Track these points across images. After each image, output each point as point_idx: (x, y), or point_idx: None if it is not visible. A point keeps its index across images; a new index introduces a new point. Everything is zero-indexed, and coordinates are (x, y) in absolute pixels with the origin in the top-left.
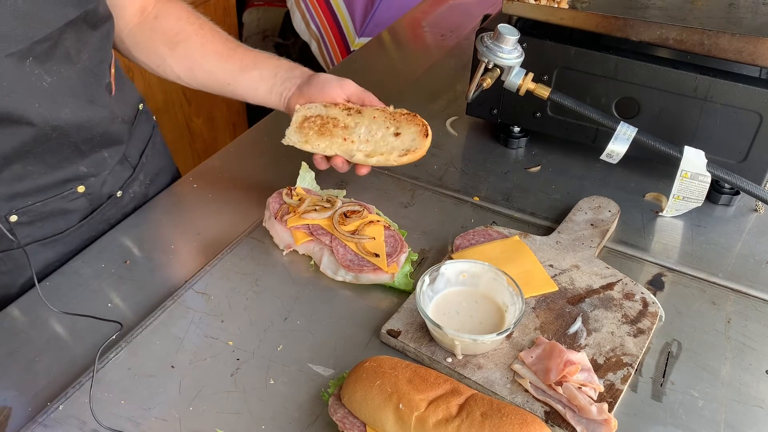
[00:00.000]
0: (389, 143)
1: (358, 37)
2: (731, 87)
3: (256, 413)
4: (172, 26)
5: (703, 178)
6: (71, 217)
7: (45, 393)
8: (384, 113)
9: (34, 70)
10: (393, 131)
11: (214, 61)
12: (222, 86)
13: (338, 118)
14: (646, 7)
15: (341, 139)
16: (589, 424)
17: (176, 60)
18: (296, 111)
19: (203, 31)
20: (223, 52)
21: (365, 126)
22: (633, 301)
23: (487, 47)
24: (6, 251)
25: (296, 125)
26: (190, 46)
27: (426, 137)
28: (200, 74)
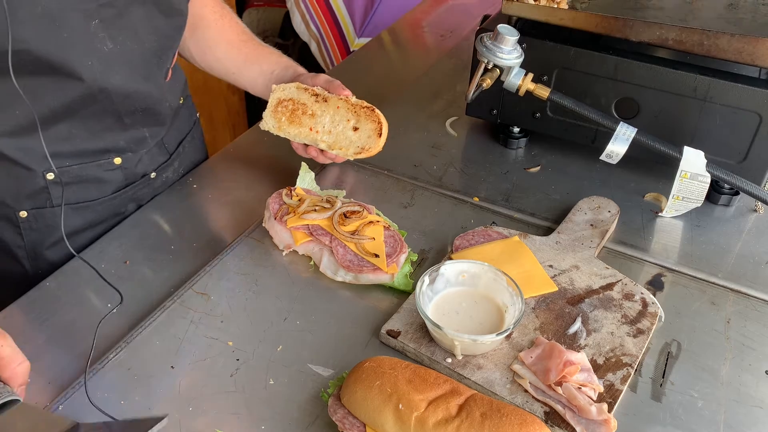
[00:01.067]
0: (348, 137)
1: (357, 38)
2: (731, 87)
3: (256, 413)
4: (197, 11)
5: (702, 178)
6: (105, 187)
7: (45, 393)
8: (347, 104)
9: (98, 33)
10: (352, 125)
11: (224, 50)
12: (228, 74)
13: (307, 105)
14: (646, 8)
15: (308, 128)
16: (589, 424)
17: (193, 42)
18: (272, 92)
19: (223, 20)
20: (234, 43)
21: (329, 116)
22: (633, 302)
23: (486, 47)
24: (38, 209)
25: (272, 108)
26: (207, 32)
27: (379, 136)
28: (210, 59)
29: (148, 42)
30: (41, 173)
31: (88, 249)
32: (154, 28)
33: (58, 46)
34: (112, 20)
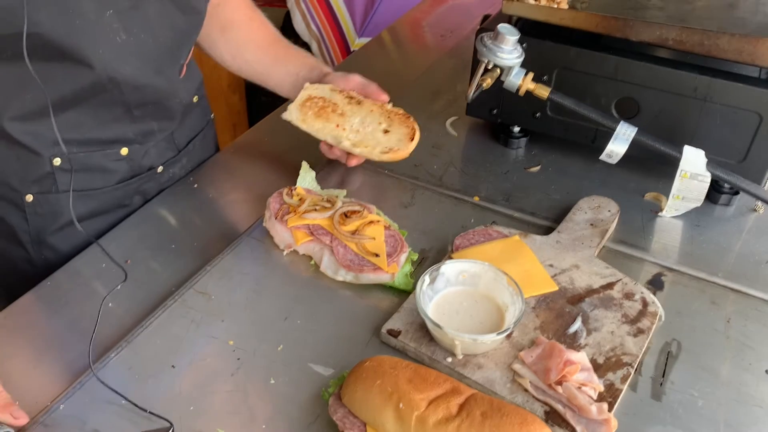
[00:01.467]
0: (376, 138)
1: (358, 38)
2: (731, 87)
3: (256, 413)
4: (227, 14)
5: (702, 177)
6: (109, 177)
7: (45, 393)
8: (381, 109)
9: (112, 23)
10: (383, 128)
11: (253, 52)
12: (258, 76)
13: (338, 104)
14: (646, 8)
15: (334, 125)
16: (589, 423)
17: (224, 45)
18: (304, 89)
19: (252, 23)
20: (262, 45)
21: (360, 117)
22: (633, 301)
23: (487, 47)
24: (44, 193)
25: (299, 102)
26: (237, 35)
27: (411, 141)
28: (241, 62)
29: (163, 36)
30: (48, 158)
31: (88, 249)
32: (170, 24)
33: (69, 32)
34: (127, 12)
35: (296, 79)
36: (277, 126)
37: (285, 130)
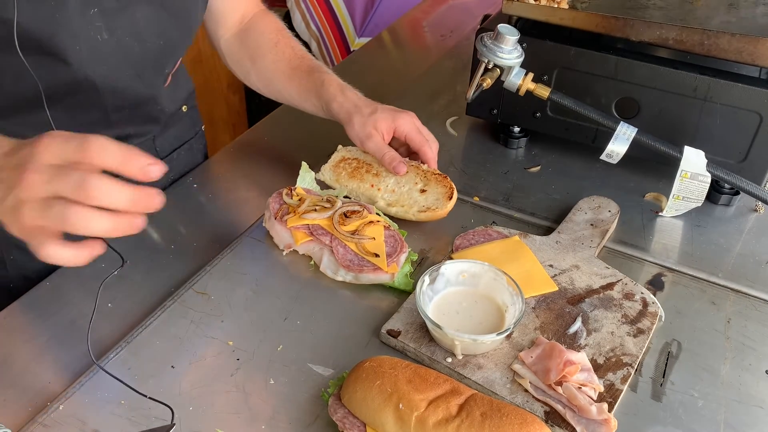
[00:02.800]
0: (413, 197)
1: (358, 37)
2: (731, 87)
3: (256, 413)
4: (255, 41)
5: (703, 178)
6: None
7: (45, 393)
8: (417, 169)
9: (95, 22)
10: (420, 187)
11: (281, 82)
12: (290, 104)
13: (373, 165)
14: (646, 7)
15: (369, 184)
16: (589, 424)
17: (256, 75)
18: (337, 151)
19: (277, 48)
20: (287, 74)
21: (395, 177)
22: (633, 301)
23: (487, 47)
24: None
25: (333, 164)
26: (265, 64)
27: (449, 200)
28: (274, 91)
29: (150, 42)
30: None
31: None
32: (159, 31)
33: (46, 24)
34: (112, 13)
35: (322, 113)
36: (276, 126)
37: (284, 131)
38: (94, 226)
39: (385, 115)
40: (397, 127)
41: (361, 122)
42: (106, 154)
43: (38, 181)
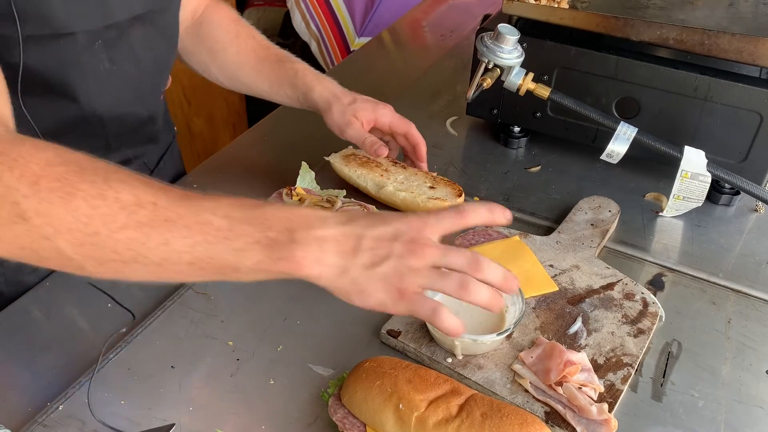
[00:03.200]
0: (422, 189)
1: (358, 37)
2: (731, 87)
3: (256, 413)
4: (212, 33)
5: (703, 178)
6: None
7: (45, 393)
8: (426, 174)
9: (99, 54)
10: (429, 185)
11: (247, 75)
12: (260, 96)
13: (383, 164)
14: (646, 7)
15: (378, 174)
16: (589, 424)
17: (217, 68)
18: (347, 149)
19: (239, 40)
20: (254, 66)
21: (405, 176)
22: (633, 301)
23: (487, 47)
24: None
25: (343, 155)
26: (227, 56)
27: (458, 197)
28: (238, 85)
29: (145, 63)
30: None
31: None
32: (151, 49)
33: (59, 66)
34: (114, 41)
35: (298, 104)
36: (276, 126)
37: (284, 130)
38: (482, 294)
39: (366, 105)
40: (378, 117)
41: (340, 111)
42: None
43: (435, 254)
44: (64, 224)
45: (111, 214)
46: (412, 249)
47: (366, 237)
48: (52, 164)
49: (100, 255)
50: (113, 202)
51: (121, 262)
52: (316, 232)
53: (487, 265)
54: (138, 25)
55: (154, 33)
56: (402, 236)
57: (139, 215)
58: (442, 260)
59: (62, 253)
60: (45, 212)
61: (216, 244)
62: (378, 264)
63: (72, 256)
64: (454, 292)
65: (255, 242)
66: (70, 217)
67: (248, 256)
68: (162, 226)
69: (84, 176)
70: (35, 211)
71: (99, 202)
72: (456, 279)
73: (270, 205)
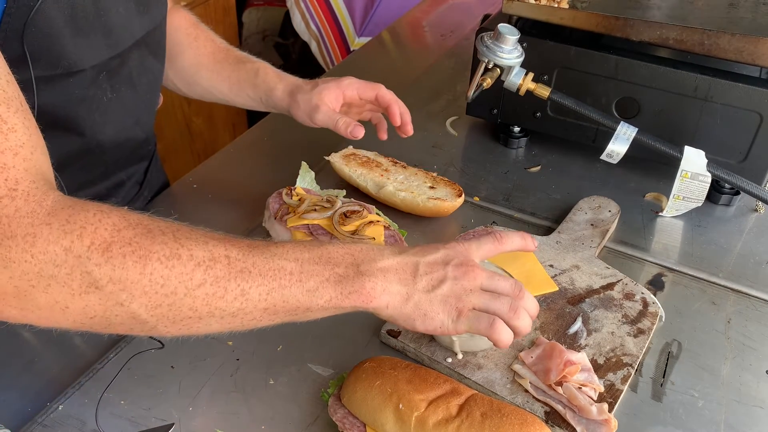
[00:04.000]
0: (422, 189)
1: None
2: (731, 87)
3: (256, 413)
4: (169, 37)
5: (703, 178)
6: None
7: (45, 393)
8: (426, 174)
9: (102, 84)
10: (429, 185)
11: (206, 78)
12: (219, 101)
13: (383, 164)
14: (646, 7)
15: (378, 174)
16: (589, 424)
17: (175, 74)
18: (347, 148)
19: (197, 42)
20: (212, 68)
21: (405, 176)
22: (633, 301)
23: (487, 47)
24: None
25: (343, 154)
26: (185, 61)
27: (458, 197)
28: (197, 89)
29: (140, 86)
30: None
31: None
32: (145, 71)
33: (67, 103)
34: (115, 70)
35: (262, 104)
36: (276, 126)
37: (284, 130)
38: (526, 321)
39: (328, 84)
40: (344, 90)
41: (305, 99)
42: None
43: (484, 277)
44: (140, 288)
45: (188, 273)
46: (464, 271)
47: (421, 263)
48: (119, 228)
49: (175, 314)
50: (188, 260)
51: (197, 318)
52: (378, 264)
53: (526, 293)
54: (135, 50)
55: (147, 53)
56: (452, 260)
57: (216, 270)
58: (490, 283)
59: (137, 317)
60: (119, 278)
61: (290, 287)
62: (436, 287)
63: (147, 319)
64: (504, 314)
65: (325, 280)
66: (146, 281)
67: (320, 294)
68: (238, 277)
69: (154, 238)
70: (109, 278)
71: (174, 261)
72: (507, 302)
73: (331, 244)
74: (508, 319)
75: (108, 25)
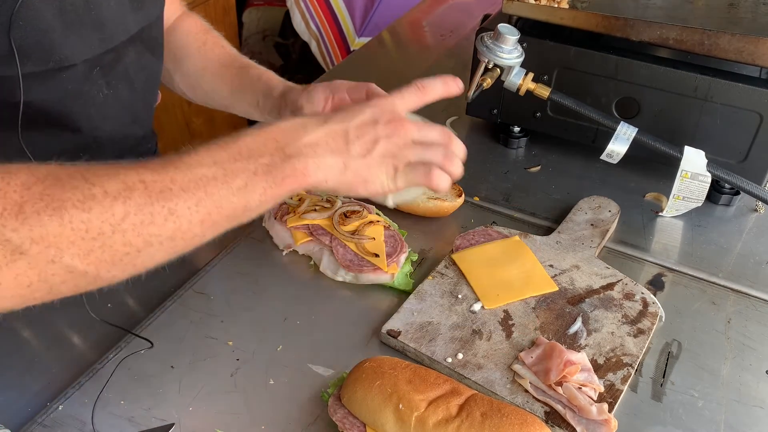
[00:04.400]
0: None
1: (358, 37)
2: (731, 87)
3: (256, 413)
4: (178, 41)
5: (703, 178)
6: None
7: (45, 393)
8: None
9: (97, 80)
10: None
11: (208, 82)
12: (221, 106)
13: None
14: (646, 7)
15: None
16: (589, 424)
17: (180, 77)
18: None
19: (205, 48)
20: (216, 72)
21: None
22: (633, 301)
23: (487, 47)
24: None
25: None
26: (190, 64)
27: (458, 197)
28: (200, 94)
29: (138, 82)
30: None
31: None
32: (143, 68)
33: (60, 99)
34: (110, 65)
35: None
36: None
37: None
38: (458, 166)
39: (317, 87)
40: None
41: (292, 99)
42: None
43: (414, 130)
44: (65, 240)
45: (107, 209)
46: (395, 128)
47: (351, 128)
48: (29, 186)
49: (111, 255)
50: (103, 197)
51: (136, 252)
52: (305, 140)
53: (454, 138)
54: (131, 46)
55: (143, 50)
56: (381, 118)
57: (135, 198)
58: (421, 135)
59: (74, 270)
60: (40, 237)
61: (218, 192)
62: (371, 150)
63: (85, 269)
64: (440, 161)
65: (253, 174)
66: (68, 230)
67: (252, 189)
68: (161, 198)
69: (64, 185)
70: (30, 240)
71: (90, 203)
72: (440, 151)
73: (246, 134)
74: (442, 167)
75: (100, 18)
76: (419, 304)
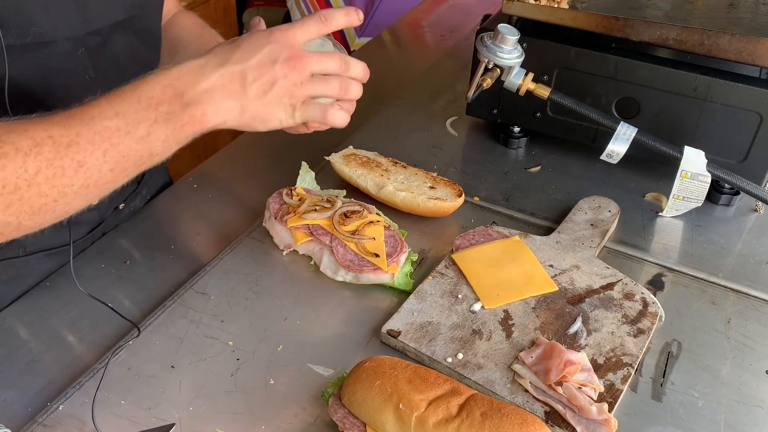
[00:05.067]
0: (422, 189)
1: (358, 37)
2: (731, 87)
3: (256, 413)
4: (175, 36)
5: (703, 178)
6: (80, 229)
7: (45, 393)
8: (426, 174)
9: (82, 61)
10: (429, 185)
11: None
12: None
13: (383, 164)
14: (646, 7)
15: (378, 174)
16: (589, 424)
17: None
18: (347, 149)
19: (201, 40)
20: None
21: (405, 176)
22: (633, 301)
23: (487, 47)
24: (10, 259)
25: (343, 153)
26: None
27: (458, 197)
28: None
29: (129, 71)
30: None
31: (87, 250)
32: (135, 57)
33: (42, 76)
34: (96, 48)
35: None
36: None
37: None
38: (357, 91)
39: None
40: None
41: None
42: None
43: (312, 63)
44: None
45: (20, 166)
46: (293, 66)
47: (248, 69)
48: None
49: (30, 206)
50: (15, 154)
51: (53, 202)
52: (202, 86)
53: (352, 62)
54: (120, 32)
55: (136, 40)
56: (279, 56)
57: (44, 153)
58: (318, 67)
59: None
60: None
61: (122, 142)
62: (268, 91)
63: (8, 219)
64: (337, 94)
65: (153, 122)
66: None
67: (155, 138)
68: (69, 152)
69: None
70: None
71: (3, 161)
72: (337, 83)
73: (145, 81)
74: (341, 97)
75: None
76: (419, 304)
